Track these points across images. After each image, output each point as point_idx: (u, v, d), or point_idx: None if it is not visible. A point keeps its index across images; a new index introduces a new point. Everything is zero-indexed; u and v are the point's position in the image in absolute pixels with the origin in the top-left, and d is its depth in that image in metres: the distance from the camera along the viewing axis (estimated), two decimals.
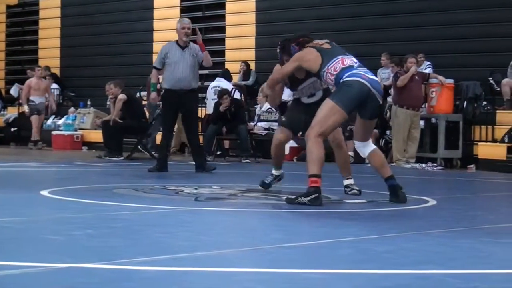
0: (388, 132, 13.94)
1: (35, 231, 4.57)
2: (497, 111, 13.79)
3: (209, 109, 14.83)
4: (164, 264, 3.51)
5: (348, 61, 6.42)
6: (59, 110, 18.43)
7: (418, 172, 12.08)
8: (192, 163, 10.53)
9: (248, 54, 17.91)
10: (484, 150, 13.13)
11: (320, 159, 6.11)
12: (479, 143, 13.38)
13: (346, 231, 4.87)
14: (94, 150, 16.27)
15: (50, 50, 21.71)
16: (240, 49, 18.20)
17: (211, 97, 14.94)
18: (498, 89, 13.91)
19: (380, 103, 6.54)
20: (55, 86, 19.23)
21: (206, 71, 10.96)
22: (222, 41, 18.45)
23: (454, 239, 4.59)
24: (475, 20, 14.85)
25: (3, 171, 10.16)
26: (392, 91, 13.34)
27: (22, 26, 22.99)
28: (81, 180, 8.92)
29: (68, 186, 7.60)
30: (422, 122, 13.48)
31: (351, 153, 13.61)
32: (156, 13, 19.91)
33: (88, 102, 19.20)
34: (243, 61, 17.08)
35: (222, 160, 13.92)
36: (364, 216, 5.96)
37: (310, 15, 16.37)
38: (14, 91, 20.38)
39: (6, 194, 6.73)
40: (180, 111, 10.22)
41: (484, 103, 13.87)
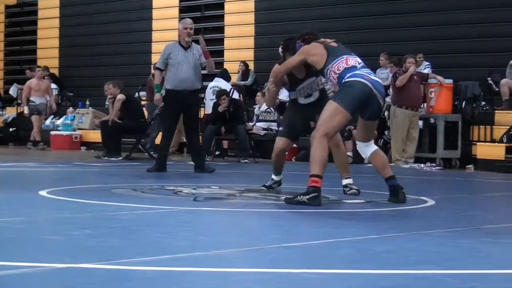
0: (386, 132, 13.94)
1: (34, 231, 4.57)
2: (495, 111, 13.79)
3: (207, 109, 14.83)
4: (163, 264, 3.51)
5: (352, 61, 6.43)
6: (58, 110, 18.42)
7: (416, 172, 12.08)
8: (191, 163, 10.53)
9: (247, 54, 17.91)
10: (482, 150, 13.14)
11: (323, 160, 6.12)
12: (478, 143, 13.38)
13: (345, 231, 4.87)
14: (92, 150, 16.26)
15: (48, 50, 21.71)
16: (239, 49, 18.20)
17: (209, 97, 14.94)
18: (496, 89, 13.91)
19: (382, 104, 6.54)
20: (53, 86, 19.19)
21: (205, 71, 10.94)
22: (221, 41, 18.46)
23: (453, 239, 4.59)
24: (474, 20, 14.85)
25: (2, 171, 10.15)
26: (391, 91, 13.35)
27: (20, 26, 22.98)
28: (79, 180, 8.92)
29: (67, 186, 7.60)
30: (420, 122, 13.48)
31: (350, 153, 13.62)
32: (155, 13, 19.91)
33: (87, 102, 19.19)
34: (242, 61, 17.08)
35: (221, 160, 13.92)
36: (363, 216, 5.96)
37: (309, 15, 16.36)
38: (13, 91, 20.38)
39: (4, 194, 6.73)
40: (182, 112, 10.20)
41: (482, 103, 13.87)
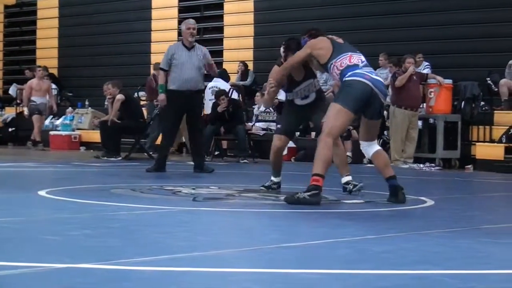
0: (386, 133, 13.94)
1: (33, 231, 4.56)
2: (495, 111, 13.79)
3: (207, 109, 14.81)
4: (161, 264, 3.51)
5: (355, 59, 6.44)
6: (57, 110, 18.40)
7: (416, 172, 12.08)
8: (190, 163, 10.52)
9: (246, 55, 17.91)
10: (482, 151, 13.14)
11: (326, 161, 6.14)
12: (477, 144, 13.38)
13: (344, 231, 4.87)
14: (92, 150, 16.25)
15: (48, 50, 21.71)
16: (238, 49, 18.20)
17: (208, 97, 14.92)
18: (496, 89, 13.91)
19: (384, 103, 6.54)
20: (53, 86, 19.18)
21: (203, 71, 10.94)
22: (220, 41, 18.46)
23: (452, 239, 4.59)
24: (474, 21, 14.85)
25: (1, 171, 10.15)
26: (390, 91, 13.34)
27: (20, 26, 22.99)
28: (78, 180, 8.91)
29: (66, 186, 7.60)
30: (420, 122, 13.48)
31: (349, 153, 13.63)
32: (154, 13, 19.91)
33: (86, 102, 19.19)
34: (241, 61, 17.08)
35: (220, 160, 13.91)
36: (362, 216, 5.96)
37: (309, 15, 16.35)
38: (12, 91, 20.38)
39: (3, 194, 6.73)
40: (186, 112, 10.17)
41: (482, 103, 13.87)
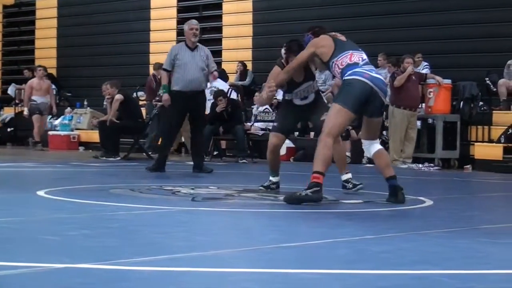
0: (385, 133, 13.95)
1: (32, 231, 4.56)
2: (493, 111, 13.80)
3: (205, 109, 14.81)
4: (160, 264, 3.50)
5: (356, 57, 6.43)
6: (57, 111, 18.40)
7: (414, 172, 12.08)
8: (189, 163, 10.52)
9: (245, 54, 17.92)
10: (480, 151, 13.14)
11: (326, 159, 6.17)
12: (476, 144, 13.39)
13: (343, 231, 4.87)
14: (90, 150, 16.25)
15: (46, 50, 21.71)
16: (237, 49, 18.21)
17: (207, 97, 14.92)
18: (494, 89, 13.92)
19: (384, 102, 6.53)
20: (52, 86, 19.18)
21: None
22: (219, 41, 18.46)
23: (451, 239, 4.59)
24: (473, 21, 14.86)
25: (0, 171, 10.14)
26: (389, 91, 13.34)
27: (18, 26, 22.99)
28: (77, 180, 8.91)
29: (65, 186, 7.59)
30: (418, 122, 13.48)
31: (348, 153, 13.65)
32: (153, 13, 19.91)
33: (85, 102, 19.19)
34: (240, 61, 17.09)
35: (219, 160, 13.91)
36: (361, 216, 5.96)
37: (308, 15, 16.35)
38: (11, 91, 20.37)
39: (2, 194, 6.72)
40: (189, 112, 10.16)
41: (480, 103, 13.88)
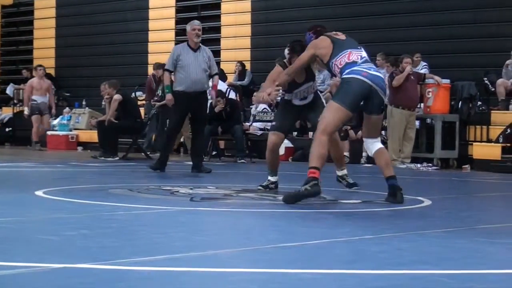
0: (383, 132, 13.95)
1: (30, 231, 4.56)
2: (491, 111, 13.80)
3: None
4: (159, 265, 3.50)
5: (354, 56, 6.43)
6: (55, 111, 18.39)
7: (413, 172, 12.08)
8: (188, 163, 10.52)
9: (244, 54, 17.91)
10: (479, 150, 13.14)
11: (321, 155, 6.20)
12: (474, 143, 13.39)
13: (341, 231, 4.87)
14: (89, 150, 16.25)
15: (45, 50, 21.69)
16: (235, 49, 18.20)
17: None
18: (493, 89, 13.92)
19: (383, 99, 6.52)
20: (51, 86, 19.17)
21: None
22: (217, 41, 18.45)
23: (450, 239, 4.59)
24: (471, 21, 14.87)
25: None
26: (388, 91, 13.34)
27: (17, 26, 22.98)
28: (76, 180, 8.90)
29: (63, 186, 7.59)
30: (417, 122, 13.48)
31: (346, 153, 13.65)
32: (152, 13, 19.90)
33: (83, 102, 19.18)
34: (239, 61, 17.09)
35: (217, 160, 13.90)
36: (360, 216, 5.96)
37: (307, 15, 16.35)
38: (9, 90, 20.35)
39: (0, 195, 6.72)
40: (191, 113, 10.16)
41: (479, 103, 13.88)
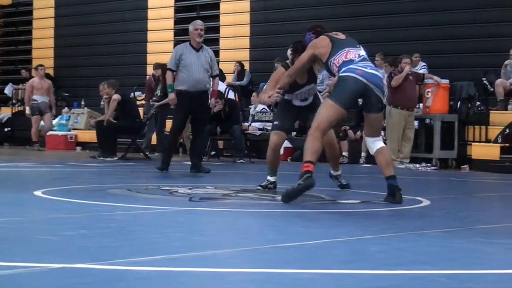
0: (382, 133, 13.94)
1: (29, 231, 4.56)
2: (490, 111, 13.80)
3: None
4: (158, 265, 3.50)
5: (352, 54, 6.44)
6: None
7: (412, 172, 12.08)
8: (187, 163, 10.52)
9: (243, 54, 17.91)
10: (477, 151, 13.14)
11: (315, 150, 6.25)
12: (473, 144, 13.39)
13: (340, 232, 4.87)
14: (88, 150, 16.25)
15: (44, 50, 21.69)
16: (234, 49, 18.20)
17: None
18: (491, 89, 13.92)
19: (381, 97, 6.51)
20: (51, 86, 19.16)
21: None
22: (216, 41, 18.44)
23: (449, 239, 4.59)
24: (470, 21, 14.87)
25: None
26: (386, 91, 13.34)
27: (16, 26, 22.97)
28: (75, 181, 8.90)
29: (62, 186, 7.59)
30: (416, 122, 13.49)
31: (345, 153, 13.66)
32: (151, 13, 19.90)
33: (82, 102, 19.17)
34: (238, 61, 17.08)
35: (216, 160, 13.90)
36: (358, 216, 5.96)
37: (305, 15, 16.35)
38: (8, 90, 20.34)
39: None
40: (193, 112, 10.14)
41: (477, 103, 13.88)
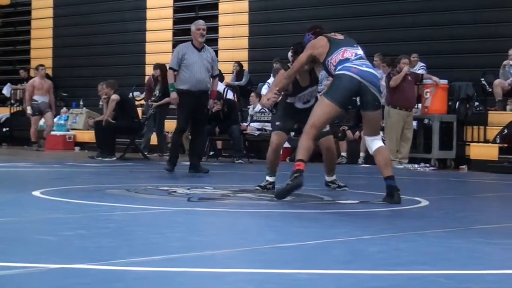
0: (381, 133, 13.93)
1: (27, 232, 4.56)
2: (489, 111, 13.80)
3: None
4: (156, 265, 3.50)
5: (348, 53, 6.46)
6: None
7: (410, 172, 12.08)
8: (185, 163, 10.52)
9: (241, 55, 17.91)
10: (476, 151, 13.15)
11: (307, 148, 6.34)
12: (471, 144, 13.39)
13: (339, 232, 4.87)
14: (86, 151, 16.24)
15: (42, 50, 21.67)
16: (233, 49, 18.20)
17: None
18: (490, 89, 13.92)
19: (377, 95, 6.50)
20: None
21: None
22: (215, 41, 18.43)
23: (447, 240, 4.59)
24: (468, 21, 14.87)
25: None
26: (385, 91, 13.34)
27: (14, 26, 22.96)
28: (73, 181, 8.90)
29: (60, 186, 7.58)
30: (414, 122, 13.49)
31: (344, 153, 13.66)
32: (149, 13, 19.89)
33: (81, 102, 19.16)
34: (236, 61, 17.08)
35: (215, 160, 13.90)
36: (357, 216, 5.96)
37: (304, 16, 16.35)
38: (6, 90, 20.32)
39: None
40: (194, 112, 10.13)
41: (476, 103, 13.88)
